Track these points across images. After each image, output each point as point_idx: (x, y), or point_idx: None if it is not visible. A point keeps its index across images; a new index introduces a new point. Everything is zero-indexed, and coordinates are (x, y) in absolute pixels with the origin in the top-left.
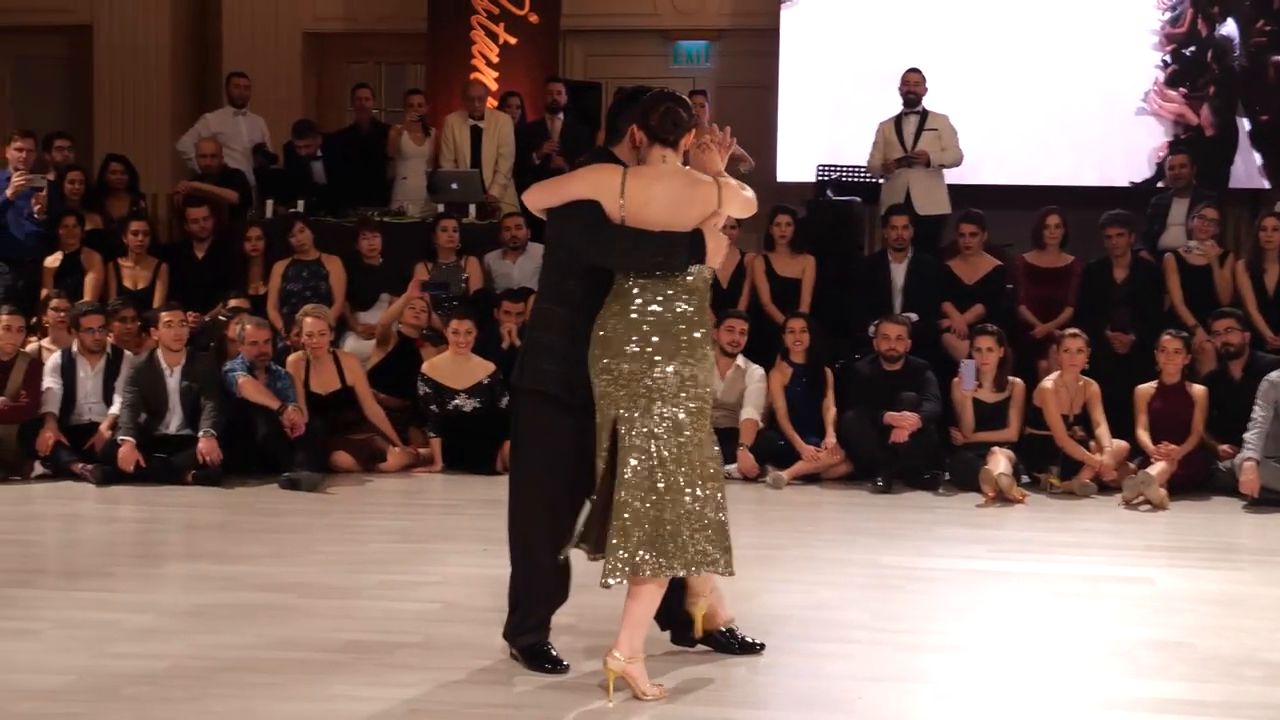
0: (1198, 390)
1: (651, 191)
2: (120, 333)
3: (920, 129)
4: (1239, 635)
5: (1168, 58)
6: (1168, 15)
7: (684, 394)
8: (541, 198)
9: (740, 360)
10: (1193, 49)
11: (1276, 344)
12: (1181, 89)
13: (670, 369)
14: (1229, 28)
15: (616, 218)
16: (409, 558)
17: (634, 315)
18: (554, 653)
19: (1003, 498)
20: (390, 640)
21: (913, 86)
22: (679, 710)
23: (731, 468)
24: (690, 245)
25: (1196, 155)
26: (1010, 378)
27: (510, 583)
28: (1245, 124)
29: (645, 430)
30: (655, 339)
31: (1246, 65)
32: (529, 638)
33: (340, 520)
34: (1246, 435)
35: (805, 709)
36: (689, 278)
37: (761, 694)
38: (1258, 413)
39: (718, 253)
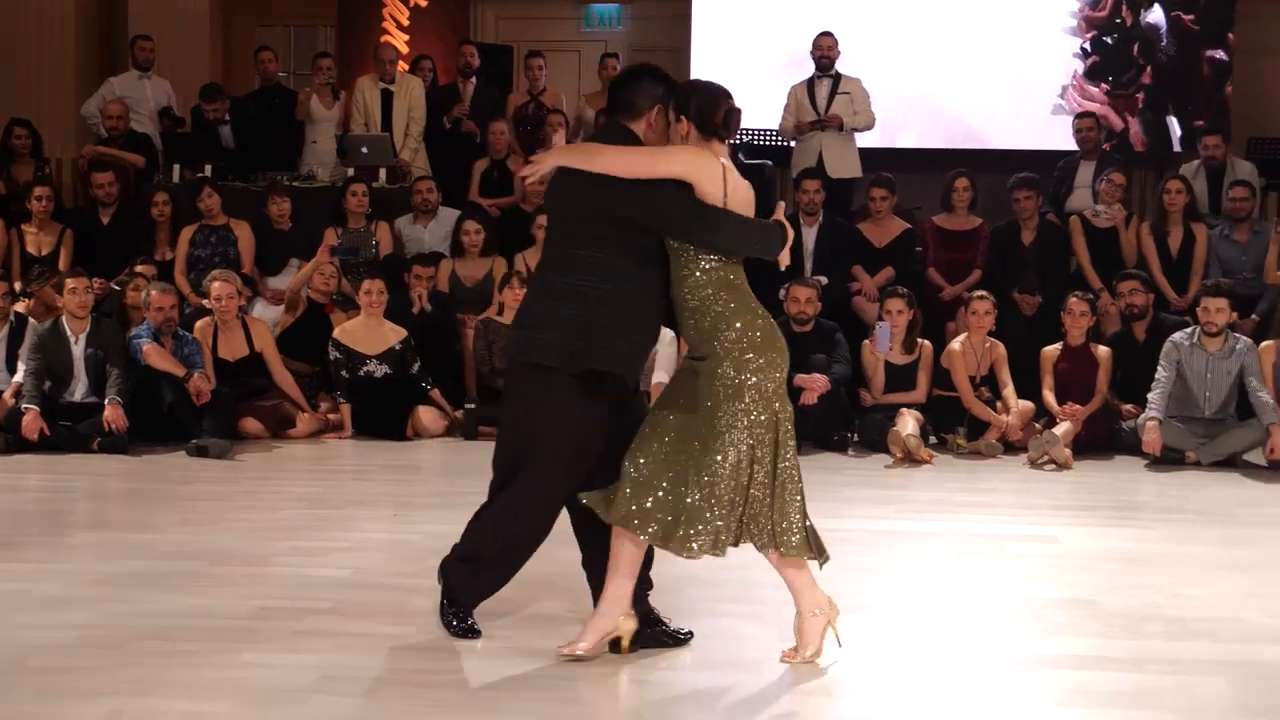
0: (1102, 351)
1: (741, 189)
2: (46, 300)
3: (833, 93)
4: (1142, 592)
5: (1088, 45)
6: None
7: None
8: (630, 166)
9: None
10: (1114, 37)
11: (1180, 305)
12: (1103, 84)
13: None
14: (1155, 15)
15: (718, 204)
16: (319, 524)
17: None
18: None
19: (911, 458)
20: (301, 607)
21: (825, 50)
22: (580, 668)
23: None
24: (782, 236)
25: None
26: (919, 340)
27: (474, 544)
28: (1175, 126)
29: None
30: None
31: (1176, 58)
32: (464, 611)
33: (250, 487)
34: (1150, 395)
35: (716, 670)
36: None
37: (672, 655)
38: (1160, 373)
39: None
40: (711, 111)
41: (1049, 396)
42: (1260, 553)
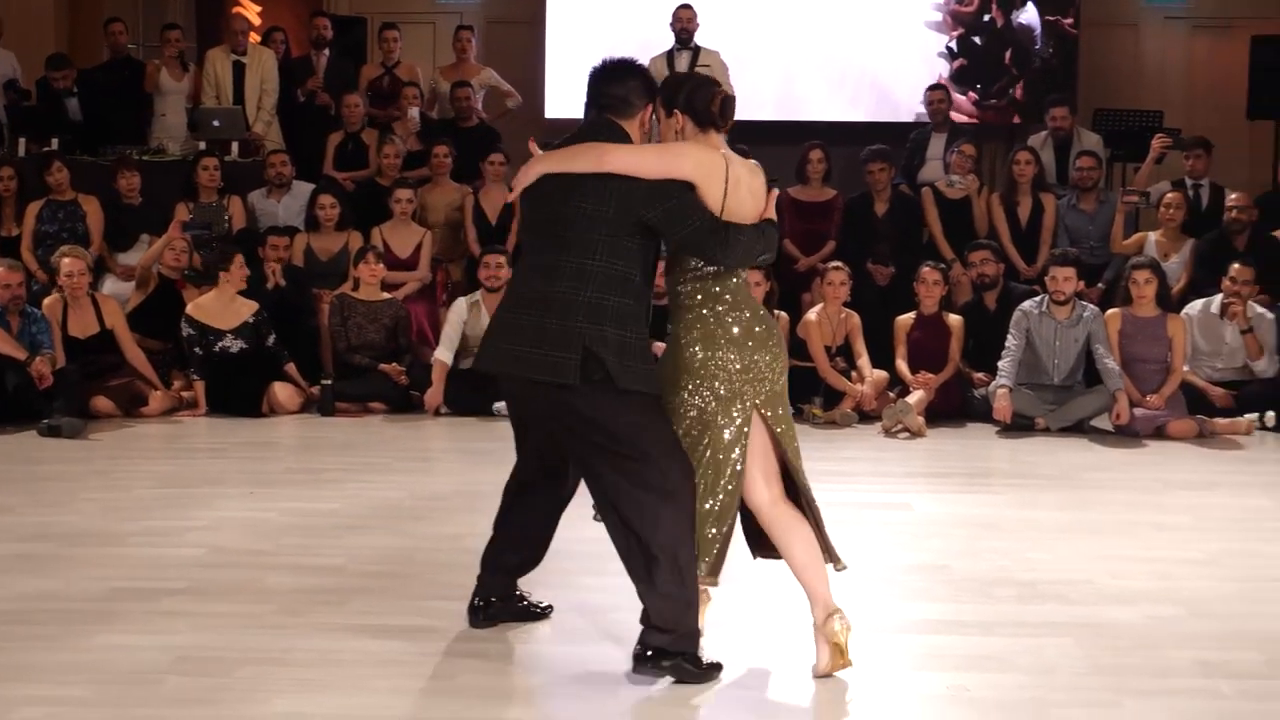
0: (954, 320)
1: (743, 181)
2: None
3: (692, 66)
4: (993, 556)
5: (954, 44)
6: None
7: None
8: (644, 166)
9: None
10: (984, 38)
11: (1029, 274)
12: (971, 93)
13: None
14: (1029, 14)
15: (717, 205)
16: (174, 503)
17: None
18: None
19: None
20: (157, 587)
21: (685, 23)
22: (444, 643)
23: (500, 405)
24: (776, 234)
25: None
26: (775, 310)
27: (662, 607)
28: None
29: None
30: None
31: (1054, 64)
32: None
33: (102, 467)
34: (1000, 364)
35: (572, 642)
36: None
37: (531, 629)
38: (1011, 341)
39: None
40: (706, 102)
41: (902, 365)
42: (1107, 516)
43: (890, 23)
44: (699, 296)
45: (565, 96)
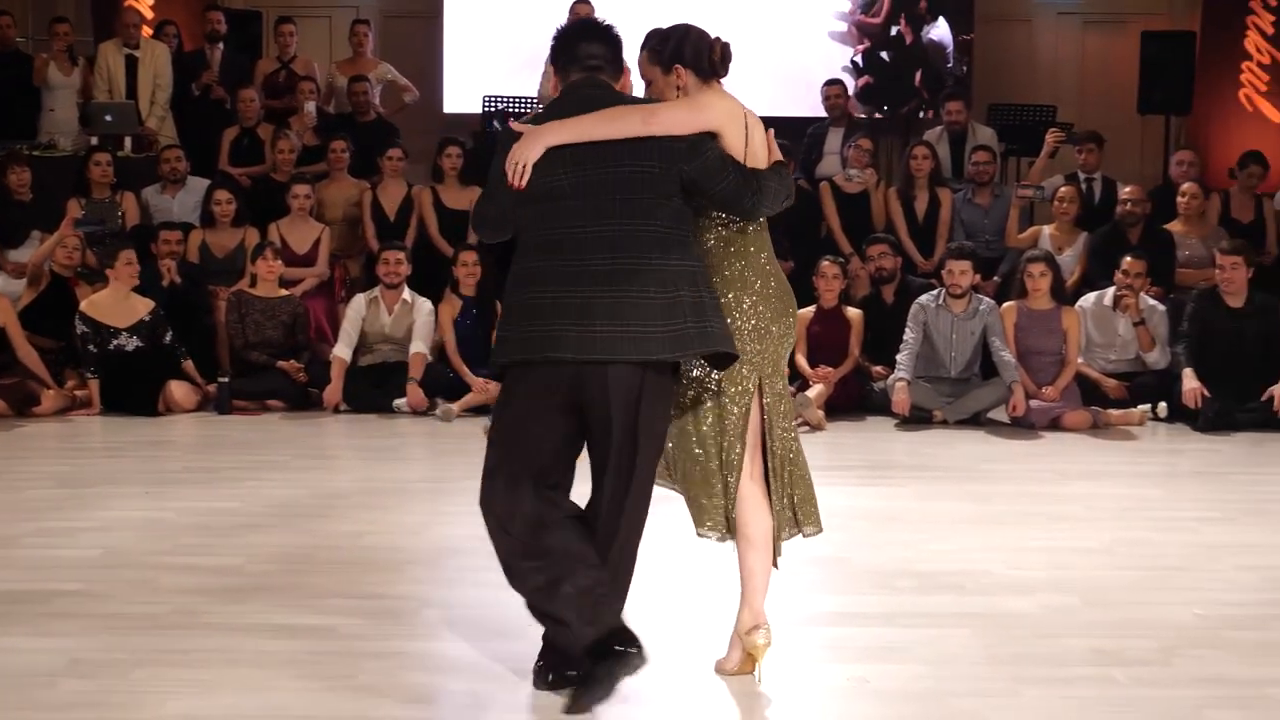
0: (853, 314)
1: (758, 127)
2: None
3: None
4: (893, 548)
5: (860, 59)
6: None
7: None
8: (683, 123)
9: (407, 294)
10: (890, 55)
11: (926, 269)
12: (878, 114)
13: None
14: (940, 30)
15: (740, 153)
16: (68, 503)
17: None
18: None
19: None
20: (49, 589)
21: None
22: (331, 642)
23: (400, 402)
24: (790, 177)
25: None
26: None
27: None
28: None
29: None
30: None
31: (966, 82)
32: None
33: None
34: (899, 357)
35: (479, 639)
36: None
37: (433, 626)
38: (909, 335)
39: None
40: (708, 52)
41: (801, 360)
42: (1004, 508)
43: (794, 17)
44: (733, 248)
45: (463, 91)
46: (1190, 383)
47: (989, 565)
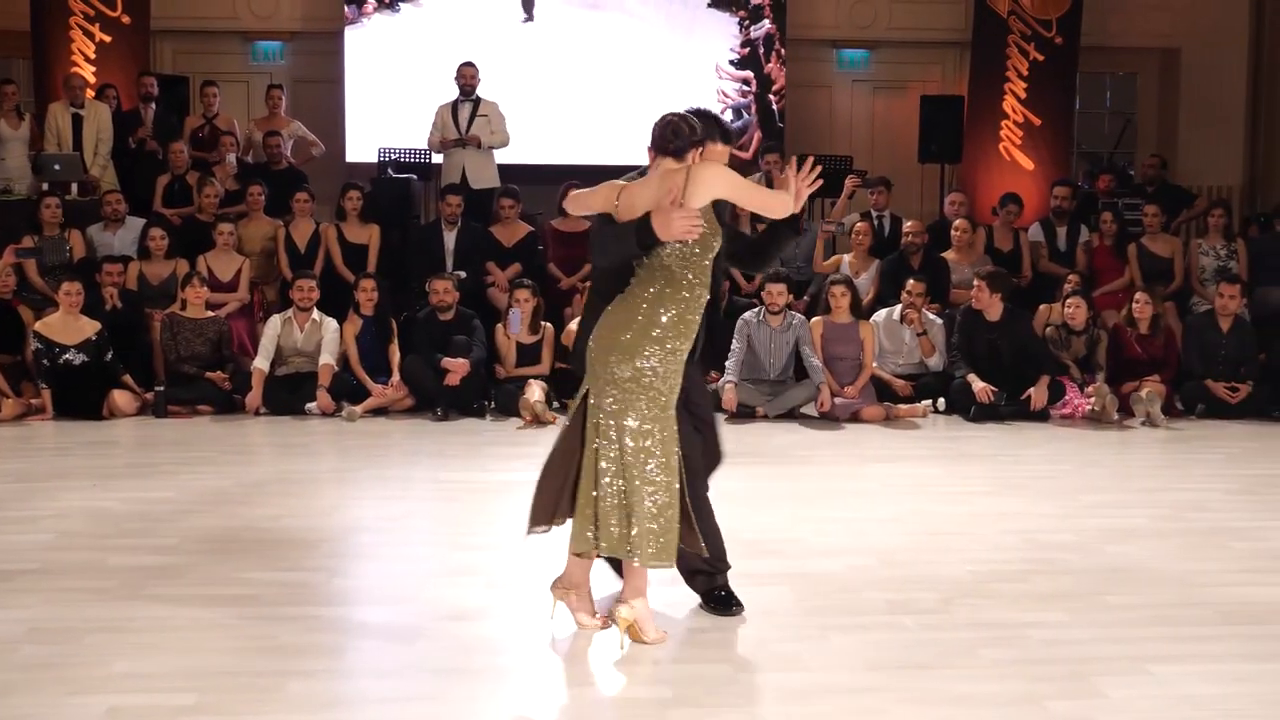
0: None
1: (636, 196)
2: None
3: (473, 115)
4: (724, 521)
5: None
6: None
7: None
8: (576, 208)
9: (316, 315)
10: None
11: (749, 290)
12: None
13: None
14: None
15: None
16: (25, 495)
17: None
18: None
19: (538, 420)
20: (10, 569)
21: (468, 79)
22: (263, 609)
23: (312, 405)
24: (638, 227)
25: None
26: (543, 322)
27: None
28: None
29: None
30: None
31: (779, 137)
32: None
33: None
34: (727, 363)
35: (374, 605)
36: (650, 259)
37: (342, 594)
38: (735, 345)
39: (665, 227)
40: (654, 131)
41: None
42: (813, 486)
43: (644, 76)
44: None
45: (363, 143)
46: (978, 384)
47: (802, 534)
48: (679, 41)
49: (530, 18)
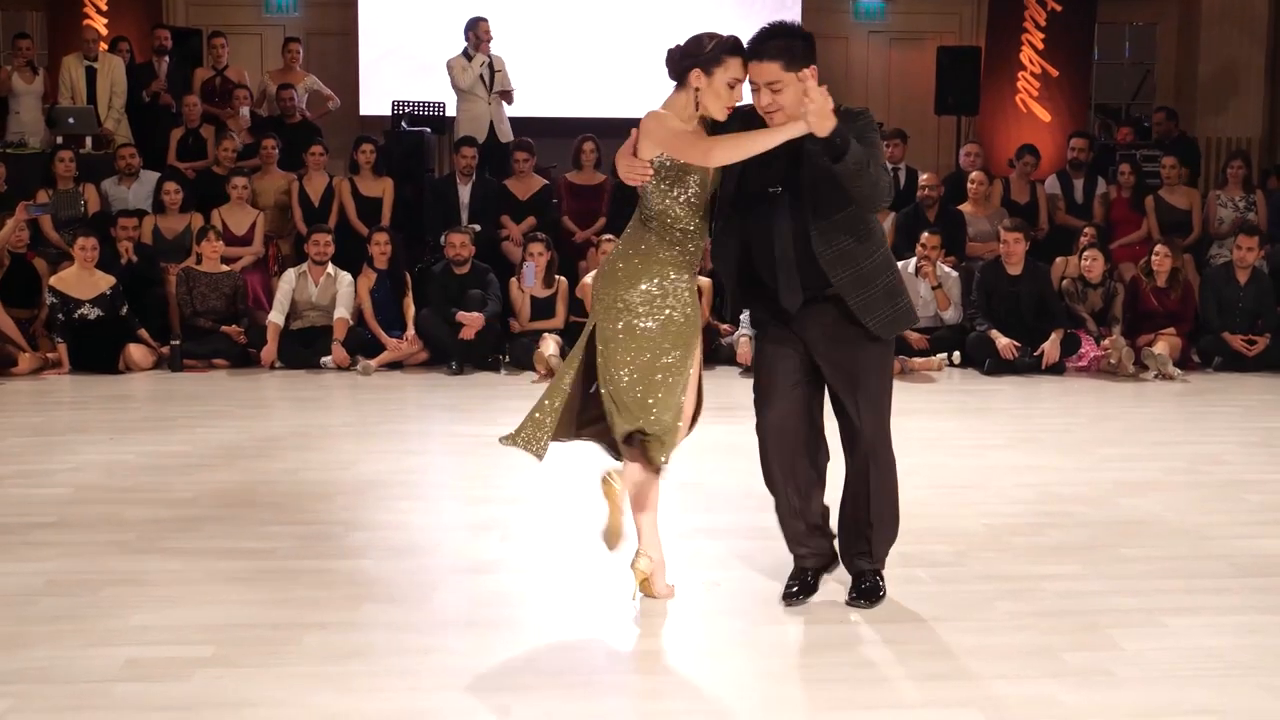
0: (704, 282)
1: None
2: None
3: (492, 69)
4: (737, 475)
5: None
6: None
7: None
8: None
9: (330, 268)
10: None
11: None
12: None
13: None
14: None
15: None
16: (43, 449)
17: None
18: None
19: (552, 374)
20: (29, 522)
21: (485, 34)
22: (266, 563)
23: (326, 359)
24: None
25: None
26: (557, 276)
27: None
28: None
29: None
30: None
31: None
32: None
33: None
34: (741, 317)
35: (397, 557)
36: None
37: (359, 546)
38: None
39: (620, 169)
40: None
41: None
42: (827, 439)
43: (659, 28)
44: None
45: (376, 96)
46: (1001, 340)
47: None
48: None
49: None
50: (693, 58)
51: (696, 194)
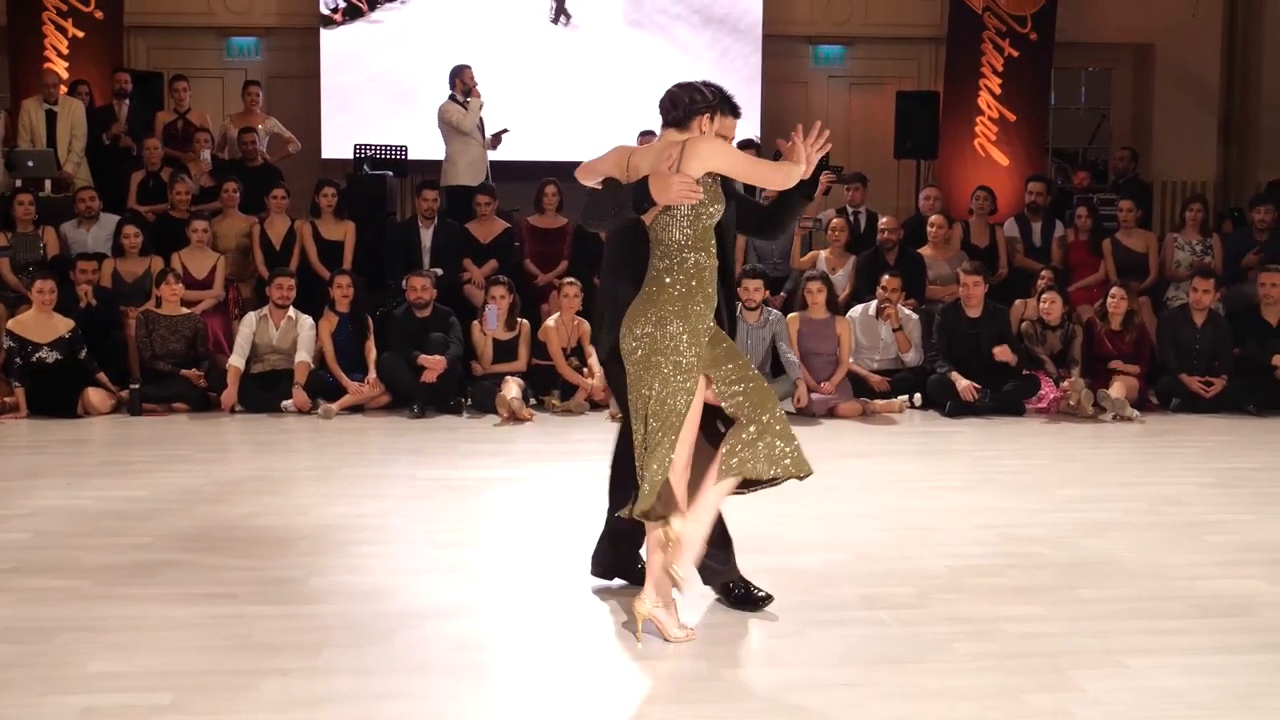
0: None
1: (641, 159)
2: None
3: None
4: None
5: None
6: None
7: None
8: (587, 176)
9: (291, 311)
10: None
11: None
12: None
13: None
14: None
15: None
16: None
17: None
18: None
19: (515, 417)
20: None
21: (469, 80)
22: (238, 606)
23: (287, 403)
24: (635, 189)
25: None
26: (519, 319)
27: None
28: None
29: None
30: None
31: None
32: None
33: None
34: None
35: (351, 603)
36: (653, 234)
37: (319, 592)
38: None
39: (662, 190)
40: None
41: None
42: (790, 483)
43: (619, 72)
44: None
45: (338, 139)
46: (962, 382)
47: (778, 530)
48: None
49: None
50: (708, 105)
51: (712, 225)
